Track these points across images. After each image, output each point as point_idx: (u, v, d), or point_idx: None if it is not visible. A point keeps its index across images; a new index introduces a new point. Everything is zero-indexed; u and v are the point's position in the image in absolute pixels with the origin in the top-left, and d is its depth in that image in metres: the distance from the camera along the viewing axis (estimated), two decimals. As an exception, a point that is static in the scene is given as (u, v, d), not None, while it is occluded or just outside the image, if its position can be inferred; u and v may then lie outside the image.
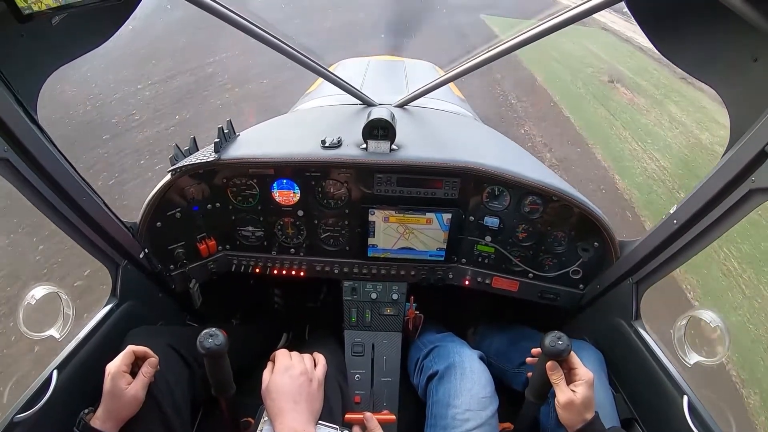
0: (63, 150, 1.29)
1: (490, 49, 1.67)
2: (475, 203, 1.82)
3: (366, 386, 1.88)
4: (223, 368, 1.32)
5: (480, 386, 1.57)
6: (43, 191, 1.23)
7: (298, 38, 1.84)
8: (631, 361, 1.61)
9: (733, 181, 1.16)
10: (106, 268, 1.61)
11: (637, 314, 1.62)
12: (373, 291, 2.00)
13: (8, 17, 0.91)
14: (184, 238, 1.85)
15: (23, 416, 1.18)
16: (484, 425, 1.47)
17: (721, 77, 1.18)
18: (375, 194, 1.80)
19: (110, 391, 1.21)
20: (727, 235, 1.27)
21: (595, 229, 1.75)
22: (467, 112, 2.96)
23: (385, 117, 1.64)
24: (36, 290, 1.30)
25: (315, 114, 2.46)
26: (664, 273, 1.52)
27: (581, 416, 1.27)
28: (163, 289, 1.91)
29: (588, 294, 1.90)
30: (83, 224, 1.40)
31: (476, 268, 1.98)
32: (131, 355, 1.29)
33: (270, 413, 1.22)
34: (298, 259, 2.00)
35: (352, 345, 1.96)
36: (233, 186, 1.81)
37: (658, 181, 6.28)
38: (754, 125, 1.09)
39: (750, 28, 0.95)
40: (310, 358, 1.40)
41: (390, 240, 1.89)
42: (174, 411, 1.37)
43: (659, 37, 1.22)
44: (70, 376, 1.34)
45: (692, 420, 1.30)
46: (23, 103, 1.12)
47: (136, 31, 10.01)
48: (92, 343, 1.46)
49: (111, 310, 1.57)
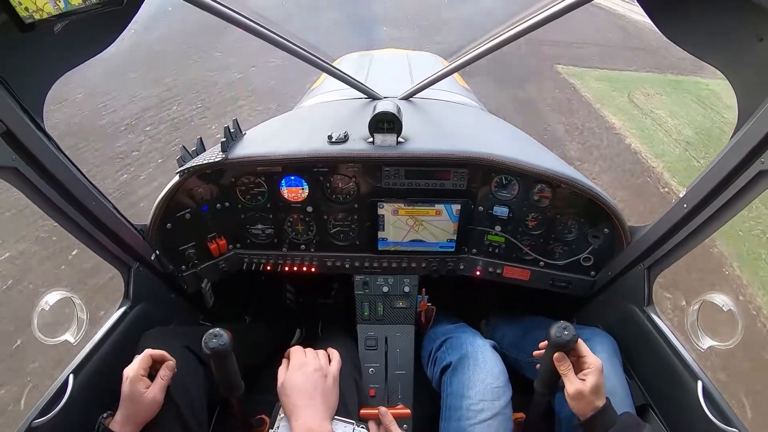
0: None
1: (494, 38, 1.65)
2: (484, 193, 1.82)
3: (380, 380, 1.89)
4: (229, 368, 1.32)
5: (493, 376, 1.57)
6: (52, 198, 1.24)
7: (300, 34, 1.83)
8: (644, 347, 1.61)
9: (742, 163, 1.14)
10: (118, 271, 1.63)
11: (649, 300, 1.61)
12: (384, 284, 2.00)
13: (10, 26, 0.92)
14: (194, 238, 1.86)
15: (41, 421, 1.19)
16: (498, 415, 1.48)
17: (726, 59, 1.16)
18: (383, 187, 1.79)
19: (129, 396, 1.22)
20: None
21: (604, 215, 1.73)
22: (473, 102, 2.94)
23: (391, 110, 1.63)
24: (49, 296, 1.32)
25: (320, 110, 2.46)
26: (675, 258, 1.50)
27: (592, 404, 1.26)
28: (176, 290, 1.92)
29: (599, 281, 1.89)
30: (94, 229, 1.41)
31: (487, 258, 1.98)
32: (149, 359, 1.30)
33: (286, 410, 1.23)
34: (308, 255, 2.00)
35: (366, 339, 1.97)
36: (241, 185, 1.82)
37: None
38: (761, 106, 1.07)
39: (755, 8, 0.93)
40: (324, 354, 1.40)
41: (400, 233, 1.89)
42: (191, 412, 1.39)
43: (663, 20, 1.19)
44: (87, 380, 1.36)
45: (707, 405, 1.30)
46: (29, 112, 1.13)
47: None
48: (107, 346, 1.48)
49: (124, 313, 1.59)
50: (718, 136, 6.22)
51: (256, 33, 1.59)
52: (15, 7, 0.90)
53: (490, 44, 1.66)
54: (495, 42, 1.63)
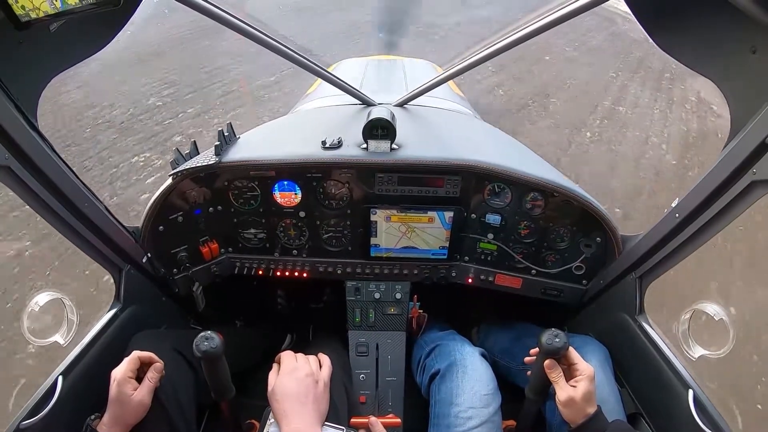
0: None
1: (489, 46, 1.66)
2: (477, 201, 1.82)
3: (371, 386, 1.89)
4: (220, 371, 1.32)
5: (482, 384, 1.57)
6: (44, 198, 1.23)
7: (295, 39, 1.83)
8: (635, 355, 1.61)
9: (734, 173, 1.15)
10: (109, 273, 1.61)
11: (640, 309, 1.62)
12: (376, 291, 2.00)
13: (6, 24, 0.91)
14: (186, 241, 1.85)
15: (29, 422, 1.18)
16: (487, 422, 1.48)
17: (720, 70, 1.17)
18: (376, 194, 1.80)
19: (116, 398, 1.22)
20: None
21: (597, 224, 1.74)
22: (467, 109, 2.96)
23: (385, 116, 1.64)
24: (39, 297, 1.31)
25: (315, 115, 2.46)
26: (666, 267, 1.51)
27: (583, 411, 1.27)
28: (167, 293, 1.91)
29: (591, 289, 1.90)
30: (85, 230, 1.40)
31: (479, 266, 1.98)
32: (137, 361, 1.29)
33: (276, 415, 1.22)
34: (300, 261, 2.00)
35: (357, 345, 1.97)
36: (234, 189, 1.81)
37: None
38: (754, 117, 1.08)
39: (747, 20, 0.94)
40: (315, 359, 1.40)
41: (392, 239, 1.89)
42: (180, 415, 1.38)
43: (657, 30, 1.21)
44: (75, 382, 1.35)
45: (698, 414, 1.30)
46: (23, 110, 1.12)
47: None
48: (96, 348, 1.46)
49: (115, 315, 1.58)
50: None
51: (252, 37, 1.59)
52: (11, 5, 0.90)
53: (485, 52, 1.67)
54: (490, 50, 1.64)
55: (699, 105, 7.41)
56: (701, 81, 2.28)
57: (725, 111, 1.19)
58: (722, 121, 6.53)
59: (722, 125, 6.42)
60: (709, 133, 6.64)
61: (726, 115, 1.18)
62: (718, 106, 6.90)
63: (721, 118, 6.82)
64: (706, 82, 1.21)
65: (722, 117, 6.54)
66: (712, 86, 1.19)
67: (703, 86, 7.51)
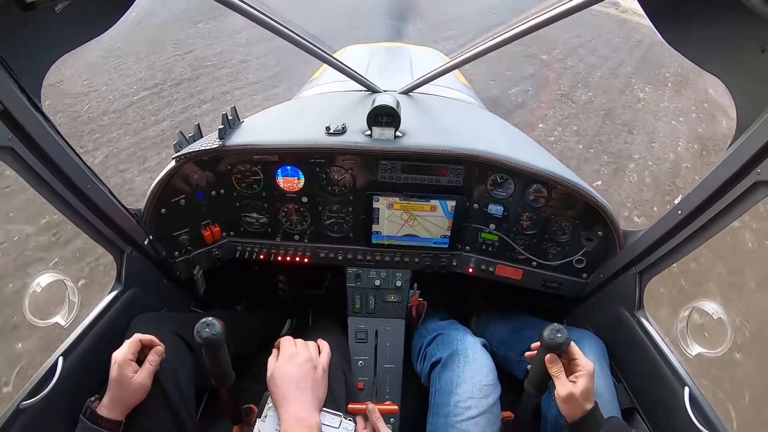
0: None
1: (497, 36, 1.65)
2: (480, 191, 1.82)
3: (369, 373, 1.90)
4: (221, 358, 1.32)
5: (482, 374, 1.58)
6: (47, 179, 1.23)
7: (302, 24, 1.81)
8: (633, 351, 1.62)
9: (738, 172, 1.15)
10: (111, 255, 1.62)
11: (640, 304, 1.62)
12: (376, 278, 2.01)
13: (11, 5, 0.91)
14: (188, 224, 1.85)
15: (29, 403, 1.19)
16: (486, 413, 1.49)
17: (728, 68, 1.16)
18: (379, 181, 1.79)
19: (117, 380, 1.23)
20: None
21: (599, 218, 1.74)
22: (472, 99, 2.94)
23: (390, 104, 1.63)
24: (42, 278, 1.31)
25: (319, 100, 2.45)
26: (667, 264, 1.51)
27: (581, 407, 1.27)
28: (168, 276, 1.92)
29: (591, 283, 1.90)
30: (88, 211, 1.41)
31: (480, 256, 1.98)
32: (137, 344, 1.30)
33: (275, 400, 1.23)
34: (302, 246, 2.00)
35: (356, 331, 1.98)
36: (237, 173, 1.81)
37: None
38: (760, 117, 1.08)
39: (757, 19, 0.93)
40: (314, 345, 1.40)
41: (394, 227, 1.89)
42: (180, 397, 1.39)
43: (667, 27, 1.20)
44: (76, 363, 1.36)
45: (693, 411, 1.31)
46: (27, 91, 1.12)
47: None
48: (97, 329, 1.47)
49: (116, 297, 1.58)
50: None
51: (257, 20, 1.57)
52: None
53: (492, 42, 1.65)
54: (497, 40, 1.63)
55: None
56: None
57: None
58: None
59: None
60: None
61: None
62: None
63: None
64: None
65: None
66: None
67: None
